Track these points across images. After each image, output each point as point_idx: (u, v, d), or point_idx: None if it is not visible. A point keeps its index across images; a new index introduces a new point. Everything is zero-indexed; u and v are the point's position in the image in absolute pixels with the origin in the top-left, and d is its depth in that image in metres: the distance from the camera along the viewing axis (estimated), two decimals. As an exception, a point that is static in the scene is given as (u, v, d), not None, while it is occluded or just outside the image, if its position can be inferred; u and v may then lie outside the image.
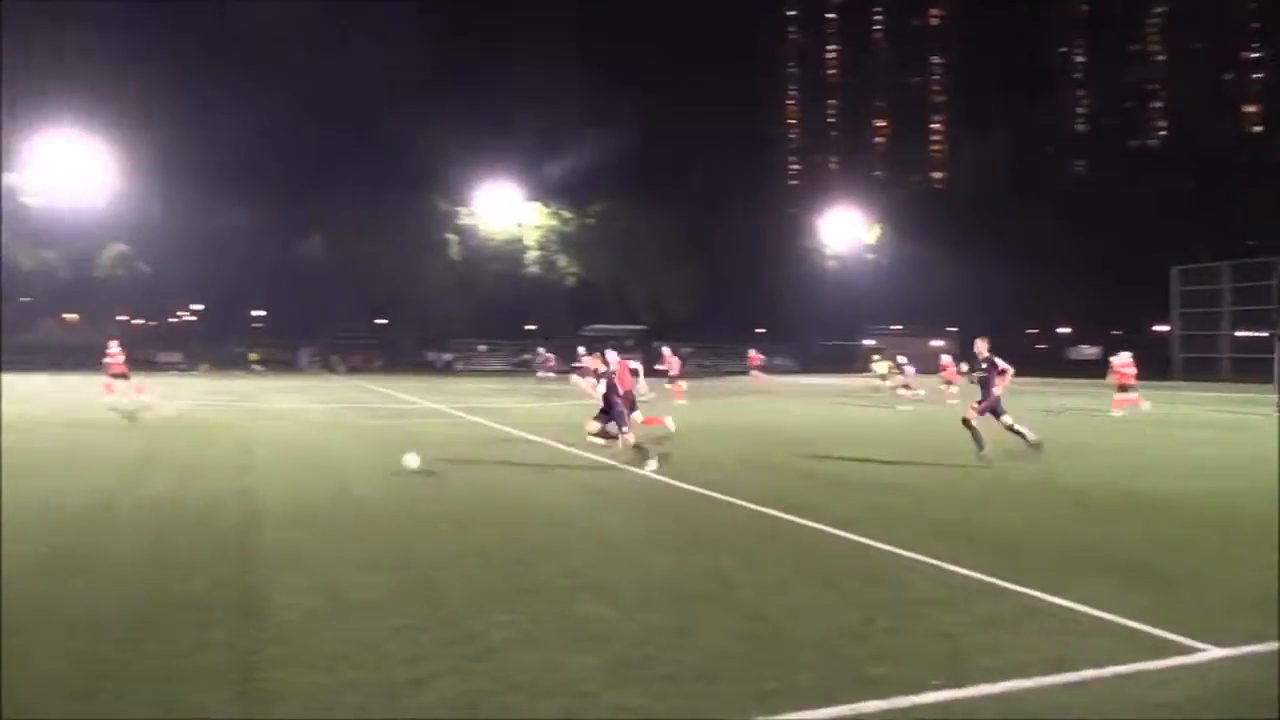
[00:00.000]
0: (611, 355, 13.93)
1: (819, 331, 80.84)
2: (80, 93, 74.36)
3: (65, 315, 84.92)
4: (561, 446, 15.10)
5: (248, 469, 12.14)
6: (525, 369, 74.49)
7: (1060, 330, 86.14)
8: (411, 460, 11.62)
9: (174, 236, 73.41)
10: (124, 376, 22.66)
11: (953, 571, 6.73)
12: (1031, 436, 13.19)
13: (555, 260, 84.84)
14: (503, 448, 15.36)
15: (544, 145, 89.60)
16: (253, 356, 63.33)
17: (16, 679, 4.42)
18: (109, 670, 4.59)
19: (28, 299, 77.87)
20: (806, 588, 6.38)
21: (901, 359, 31.98)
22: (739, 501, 9.76)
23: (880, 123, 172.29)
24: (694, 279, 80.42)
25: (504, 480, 11.49)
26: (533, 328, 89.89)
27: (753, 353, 42.30)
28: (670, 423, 16.10)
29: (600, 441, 13.42)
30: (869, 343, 75.11)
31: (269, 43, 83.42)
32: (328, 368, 63.36)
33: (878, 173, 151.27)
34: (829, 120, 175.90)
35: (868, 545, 7.69)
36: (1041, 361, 62.92)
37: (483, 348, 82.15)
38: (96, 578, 6.37)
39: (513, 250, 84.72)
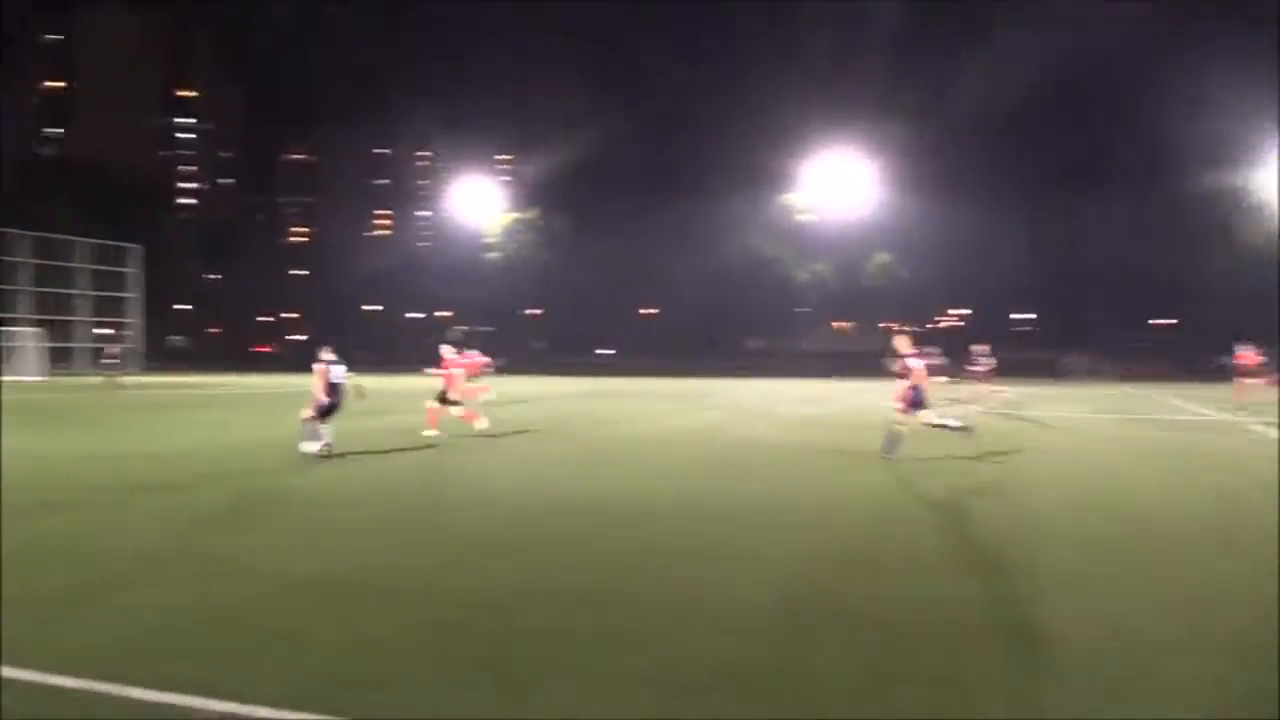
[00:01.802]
0: (447, 349, 17.32)
1: None
2: (845, 114, 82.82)
3: (835, 323, 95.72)
4: None
5: (1002, 489, 12.15)
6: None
7: None
8: None
9: (930, 244, 77.88)
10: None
11: None
12: None
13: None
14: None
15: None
16: None
17: (804, 674, 4.96)
18: (892, 670, 4.89)
19: (803, 309, 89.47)
20: None
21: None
22: None
23: None
24: None
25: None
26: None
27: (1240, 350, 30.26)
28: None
29: None
30: None
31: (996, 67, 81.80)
32: (1093, 372, 60.50)
33: None
34: None
35: None
36: None
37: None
38: (885, 581, 6.91)
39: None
